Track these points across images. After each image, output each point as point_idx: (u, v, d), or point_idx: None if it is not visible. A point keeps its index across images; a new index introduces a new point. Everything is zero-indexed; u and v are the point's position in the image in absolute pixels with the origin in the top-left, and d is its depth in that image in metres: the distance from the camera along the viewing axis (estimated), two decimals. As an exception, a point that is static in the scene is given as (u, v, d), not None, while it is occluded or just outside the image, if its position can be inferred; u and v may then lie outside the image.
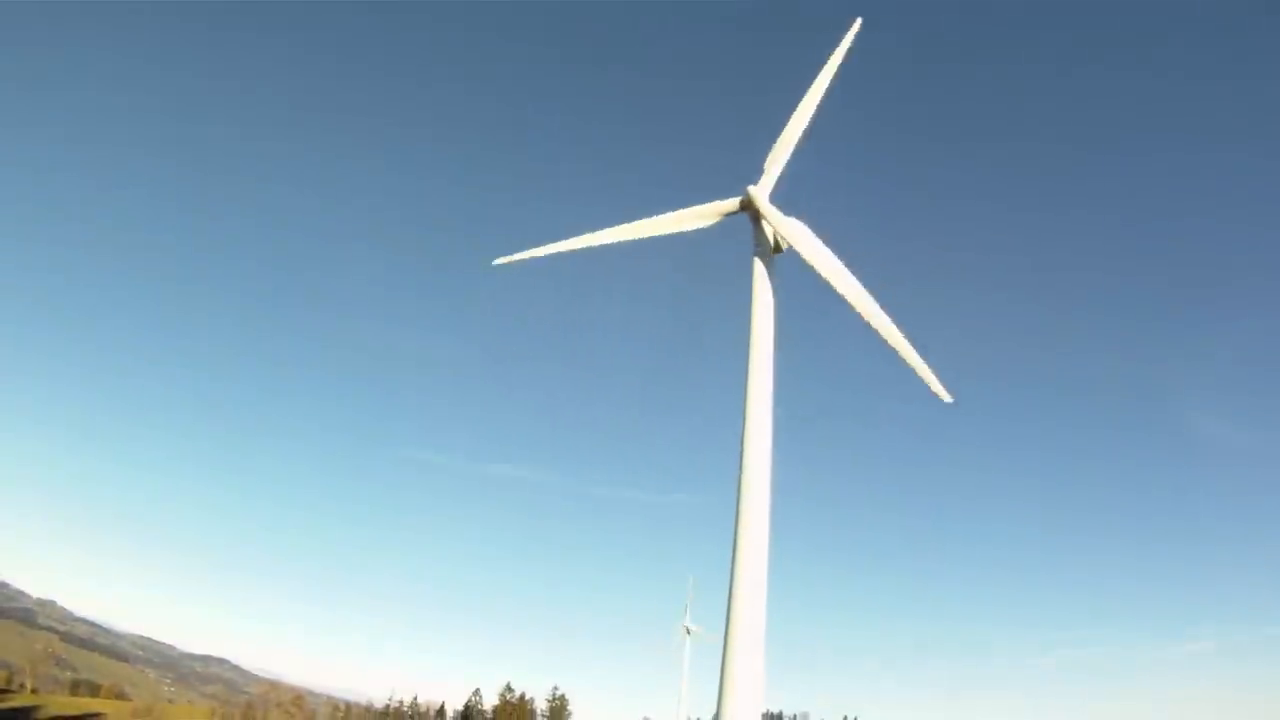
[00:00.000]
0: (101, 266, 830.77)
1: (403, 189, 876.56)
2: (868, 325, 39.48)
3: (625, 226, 43.70)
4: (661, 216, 43.71)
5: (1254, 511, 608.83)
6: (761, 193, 42.34)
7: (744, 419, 40.06)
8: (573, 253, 43.53)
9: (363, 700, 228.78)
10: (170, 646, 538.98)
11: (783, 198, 43.26)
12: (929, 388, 38.35)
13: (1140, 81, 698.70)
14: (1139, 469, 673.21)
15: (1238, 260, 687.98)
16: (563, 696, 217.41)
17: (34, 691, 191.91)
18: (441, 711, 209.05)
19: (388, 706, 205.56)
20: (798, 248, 40.75)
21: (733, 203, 43.00)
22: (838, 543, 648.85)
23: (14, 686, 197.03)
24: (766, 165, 43.41)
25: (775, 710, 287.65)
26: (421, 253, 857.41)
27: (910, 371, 38.84)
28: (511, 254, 43.04)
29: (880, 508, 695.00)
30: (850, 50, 45.19)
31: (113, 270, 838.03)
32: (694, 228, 43.73)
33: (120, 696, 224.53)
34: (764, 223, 42.21)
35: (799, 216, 42.54)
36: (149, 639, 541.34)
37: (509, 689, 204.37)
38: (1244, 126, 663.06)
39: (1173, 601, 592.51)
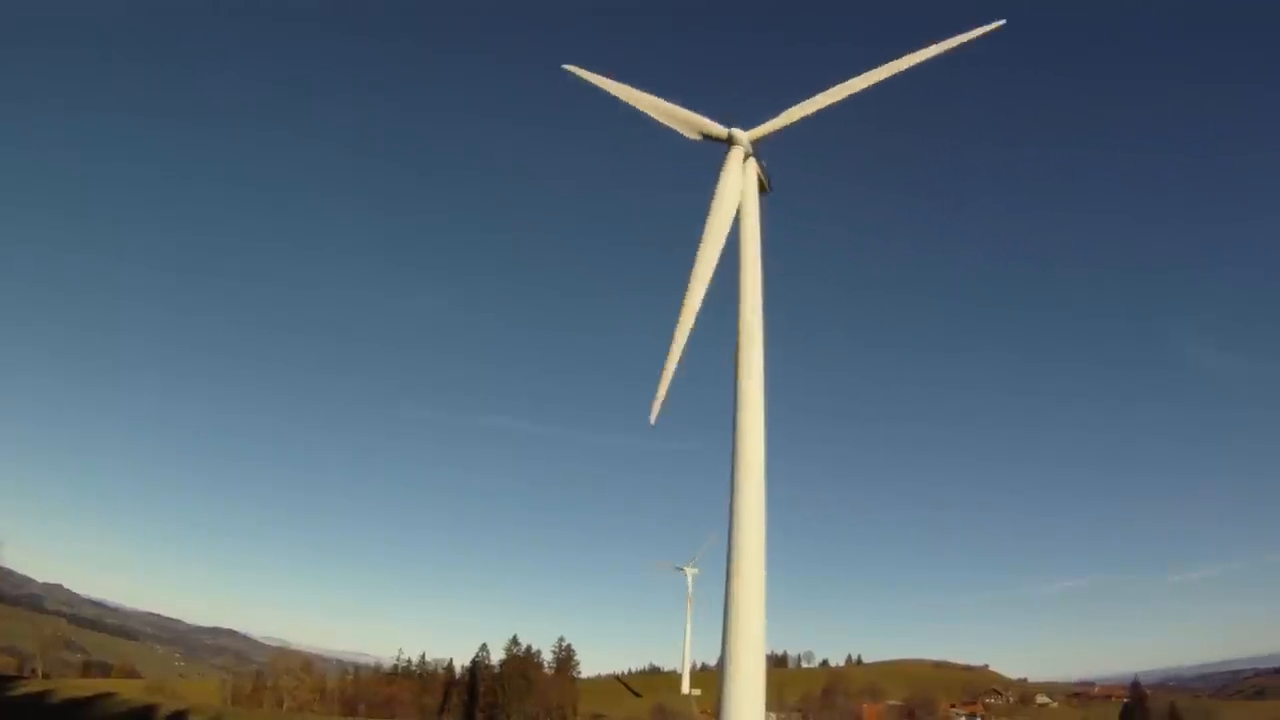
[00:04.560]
0: (87, 245, 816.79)
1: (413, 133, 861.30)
2: (680, 304, 39.98)
3: (624, 87, 44.66)
4: (654, 99, 43.88)
5: (1237, 447, 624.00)
6: (743, 136, 41.75)
7: (736, 361, 39.25)
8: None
9: (371, 662, 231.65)
10: (178, 621, 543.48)
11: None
12: (654, 399, 40.16)
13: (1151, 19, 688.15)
14: (1131, 402, 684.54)
15: (1233, 189, 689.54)
16: (569, 647, 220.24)
17: (46, 676, 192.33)
18: (450, 668, 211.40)
19: (396, 666, 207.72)
20: (720, 194, 40.56)
21: (719, 129, 42.33)
22: (840, 490, 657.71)
23: (25, 673, 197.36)
24: (782, 113, 42.67)
25: (779, 652, 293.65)
26: (416, 209, 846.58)
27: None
28: (585, 71, 45.74)
29: (881, 451, 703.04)
30: (954, 49, 43.67)
31: (100, 253, 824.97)
32: (677, 129, 43.48)
33: (131, 675, 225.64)
34: (741, 160, 41.81)
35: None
36: (157, 615, 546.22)
37: (515, 642, 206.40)
38: (1246, 60, 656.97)
39: (1161, 537, 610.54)
